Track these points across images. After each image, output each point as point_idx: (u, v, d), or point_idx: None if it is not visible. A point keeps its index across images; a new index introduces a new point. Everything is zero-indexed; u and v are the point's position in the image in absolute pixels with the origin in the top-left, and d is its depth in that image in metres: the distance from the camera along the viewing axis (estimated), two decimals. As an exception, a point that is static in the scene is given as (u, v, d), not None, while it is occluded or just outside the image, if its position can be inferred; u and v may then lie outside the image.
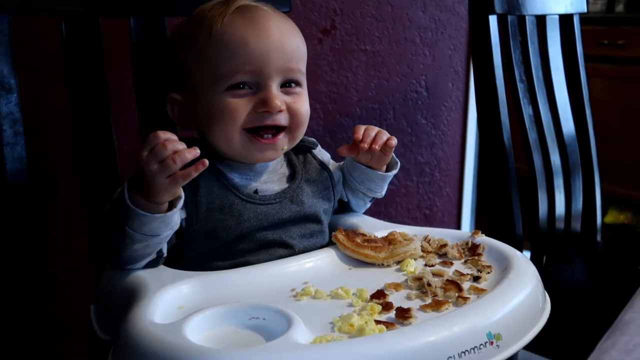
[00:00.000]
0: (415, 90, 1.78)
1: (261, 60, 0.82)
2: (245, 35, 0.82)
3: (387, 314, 0.69)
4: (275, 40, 0.83)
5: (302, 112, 0.86)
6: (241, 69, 0.82)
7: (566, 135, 1.44)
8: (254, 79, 0.83)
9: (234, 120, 0.82)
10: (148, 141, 0.70)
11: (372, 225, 0.93)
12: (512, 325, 0.67)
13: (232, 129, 0.83)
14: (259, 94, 0.83)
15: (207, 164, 0.70)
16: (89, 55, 0.96)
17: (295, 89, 0.86)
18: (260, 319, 0.66)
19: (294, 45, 0.85)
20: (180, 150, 0.70)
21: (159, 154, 0.69)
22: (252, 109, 0.82)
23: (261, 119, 0.83)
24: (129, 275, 0.76)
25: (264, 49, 0.82)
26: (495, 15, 1.25)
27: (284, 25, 0.86)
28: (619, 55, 2.93)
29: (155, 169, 0.69)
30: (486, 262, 0.82)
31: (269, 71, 0.82)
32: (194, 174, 0.70)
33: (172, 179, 0.70)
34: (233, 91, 0.82)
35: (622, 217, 3.03)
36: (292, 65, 0.84)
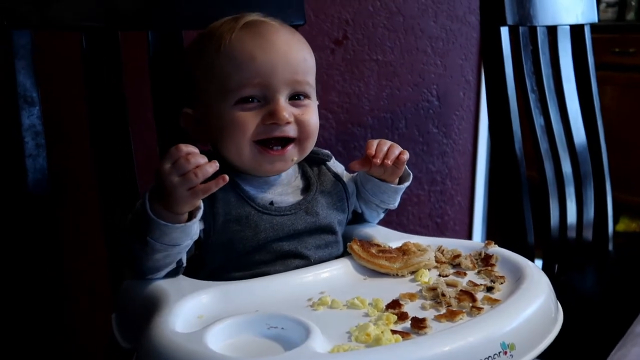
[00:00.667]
0: (426, 100, 1.79)
1: (268, 74, 0.83)
2: (253, 50, 0.83)
3: (402, 324, 0.70)
4: (281, 53, 0.84)
5: (311, 124, 0.87)
6: (249, 82, 0.83)
7: (577, 145, 1.45)
8: (262, 93, 0.84)
9: (243, 132, 0.84)
10: (170, 154, 0.72)
11: (386, 236, 0.94)
12: (525, 335, 0.68)
13: (242, 142, 0.84)
14: (267, 107, 0.84)
15: (227, 179, 0.72)
16: (108, 68, 0.98)
17: (303, 101, 0.87)
18: (278, 328, 0.68)
19: (300, 58, 0.86)
20: (202, 165, 0.71)
21: (181, 167, 0.71)
22: (261, 121, 0.84)
23: (270, 130, 0.84)
24: (150, 285, 0.77)
25: (270, 63, 0.83)
26: (507, 27, 1.27)
27: (291, 39, 0.87)
28: (630, 63, 2.93)
29: (177, 181, 0.71)
30: (499, 272, 0.83)
31: (276, 84, 0.84)
32: (214, 188, 0.72)
33: (193, 192, 0.72)
34: (242, 105, 0.84)
35: (633, 225, 3.02)
36: (299, 77, 0.86)
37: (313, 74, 0.90)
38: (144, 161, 1.24)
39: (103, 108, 0.98)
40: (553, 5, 1.40)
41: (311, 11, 1.54)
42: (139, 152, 1.29)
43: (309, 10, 1.52)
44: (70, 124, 1.25)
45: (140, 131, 1.30)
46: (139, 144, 1.29)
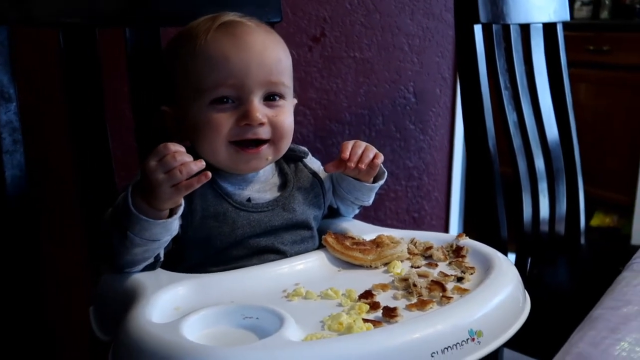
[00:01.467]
0: (403, 97, 1.82)
1: (242, 74, 0.84)
2: (227, 50, 0.84)
3: (374, 313, 0.72)
4: (256, 54, 0.85)
5: (285, 125, 0.88)
6: (223, 82, 0.84)
7: (550, 141, 1.48)
8: (236, 93, 0.85)
9: (217, 133, 0.85)
10: (157, 151, 0.74)
11: (361, 229, 0.96)
12: (492, 323, 0.71)
13: (217, 142, 0.86)
14: (241, 108, 0.85)
15: (209, 176, 0.74)
16: (85, 64, 0.99)
17: (278, 102, 0.88)
18: (253, 318, 0.69)
19: (275, 58, 0.87)
20: (187, 162, 0.73)
21: (167, 164, 0.73)
22: (235, 122, 0.85)
23: (243, 132, 0.86)
24: (127, 278, 0.79)
25: (244, 63, 0.84)
26: (480, 25, 1.29)
27: (266, 39, 0.88)
28: (604, 61, 2.98)
29: (162, 177, 0.73)
30: (469, 263, 0.86)
31: (250, 85, 0.85)
32: (196, 185, 0.74)
33: (176, 188, 0.73)
34: (216, 105, 0.85)
35: (607, 220, 3.08)
36: (274, 78, 0.87)
37: (289, 74, 0.91)
38: (122, 157, 1.25)
39: (81, 105, 0.98)
40: (526, 4, 1.43)
41: (289, 8, 1.55)
42: (117, 148, 1.30)
43: (286, 7, 1.54)
44: (48, 120, 1.26)
45: (118, 128, 1.31)
46: (117, 141, 1.30)
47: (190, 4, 1.06)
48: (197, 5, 1.06)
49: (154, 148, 0.75)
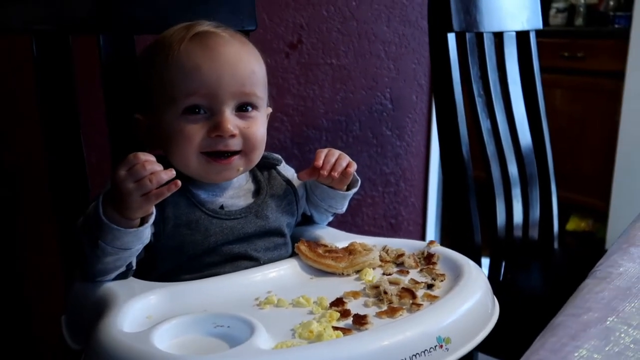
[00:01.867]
0: (380, 103, 1.83)
1: (214, 85, 0.85)
2: (200, 61, 0.85)
3: (345, 321, 0.73)
4: (228, 65, 0.86)
5: (256, 137, 0.89)
6: (195, 92, 0.85)
7: (523, 147, 1.50)
8: (208, 103, 0.85)
9: (189, 144, 0.85)
10: (127, 160, 0.74)
11: (334, 236, 0.97)
12: (460, 330, 0.72)
13: (188, 152, 0.86)
14: (213, 119, 0.86)
15: (179, 185, 0.74)
16: (59, 71, 0.98)
17: (250, 112, 0.89)
18: (224, 327, 0.70)
19: (248, 70, 0.88)
20: (157, 171, 0.74)
21: (137, 174, 0.73)
22: (206, 133, 0.85)
23: (214, 144, 0.86)
24: (99, 287, 0.79)
25: (216, 74, 0.85)
26: (454, 33, 1.31)
27: (240, 50, 0.88)
28: (579, 67, 3.03)
29: (132, 187, 0.73)
30: (440, 270, 0.87)
31: (222, 95, 0.85)
32: (166, 193, 0.74)
33: (146, 197, 0.74)
34: (188, 115, 0.85)
35: (583, 225, 3.12)
36: (246, 89, 0.87)
37: (262, 85, 0.91)
38: (96, 164, 1.25)
39: (55, 111, 0.98)
40: (499, 12, 1.45)
41: (265, 15, 1.56)
42: (91, 155, 1.29)
43: (263, 14, 1.54)
44: (23, 127, 1.25)
45: (92, 134, 1.30)
46: (91, 148, 1.30)
47: (164, 11, 1.06)
48: (171, 12, 1.06)
49: (124, 157, 0.75)
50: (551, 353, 0.48)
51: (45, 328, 1.35)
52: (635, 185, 2.54)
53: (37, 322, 1.35)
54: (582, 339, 0.50)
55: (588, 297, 0.60)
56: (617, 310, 0.56)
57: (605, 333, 0.51)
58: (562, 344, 0.49)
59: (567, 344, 0.49)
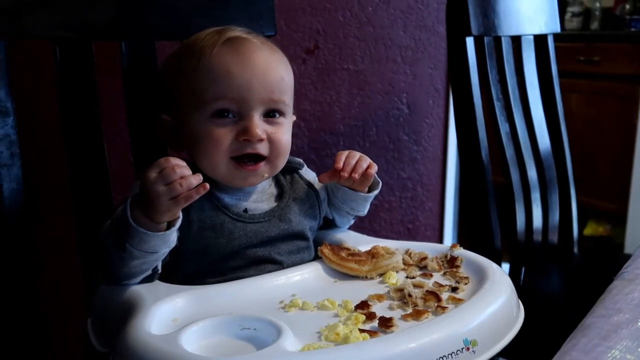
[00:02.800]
0: (397, 108, 1.83)
1: (244, 90, 0.85)
2: (230, 66, 0.86)
3: (370, 324, 0.73)
4: (258, 71, 0.86)
5: (283, 143, 0.89)
6: (225, 96, 0.85)
7: (542, 151, 1.50)
8: (237, 108, 0.86)
9: (217, 148, 0.86)
10: (158, 164, 0.75)
11: (356, 240, 0.97)
12: (487, 332, 0.72)
13: (216, 157, 0.87)
14: (241, 123, 0.86)
15: (207, 187, 0.75)
16: (81, 77, 1.00)
17: (278, 119, 0.89)
18: (251, 329, 0.70)
19: (277, 77, 0.88)
20: (187, 176, 0.74)
21: (167, 177, 0.74)
22: (235, 137, 0.86)
23: (242, 147, 0.87)
24: (125, 290, 0.79)
25: (246, 80, 0.85)
26: (472, 37, 1.31)
27: (270, 57, 0.89)
28: (595, 72, 3.01)
29: (162, 190, 0.74)
30: (464, 273, 0.86)
31: (251, 101, 0.86)
32: (195, 196, 0.75)
33: (175, 200, 0.74)
34: (217, 119, 0.86)
35: (600, 229, 3.10)
36: (275, 96, 0.88)
37: (290, 92, 0.92)
38: (118, 170, 1.26)
39: (77, 117, 0.99)
40: (517, 17, 1.45)
41: (283, 21, 1.57)
42: (113, 161, 1.30)
43: (280, 20, 1.55)
44: (45, 133, 1.26)
45: (114, 140, 1.32)
46: (113, 153, 1.31)
47: (185, 17, 1.07)
48: (191, 19, 1.07)
49: (155, 161, 0.76)
50: (583, 354, 0.48)
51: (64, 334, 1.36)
52: (654, 190, 2.52)
53: (57, 328, 1.36)
54: (614, 339, 0.50)
55: (618, 299, 0.60)
56: (647, 312, 0.56)
57: (637, 334, 0.51)
58: (594, 345, 0.49)
59: (598, 344, 0.49)
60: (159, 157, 0.99)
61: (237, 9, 1.12)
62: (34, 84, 1.25)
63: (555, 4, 1.57)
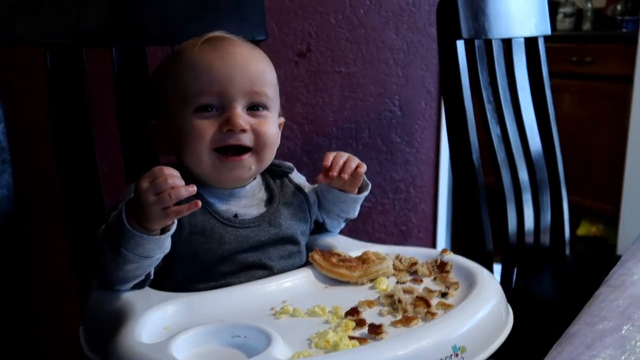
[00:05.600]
0: (389, 110, 1.84)
1: (225, 83, 0.87)
2: (211, 60, 0.87)
3: (360, 330, 0.73)
4: (239, 64, 0.88)
5: (268, 134, 0.90)
6: (207, 90, 0.87)
7: (533, 153, 1.50)
8: (219, 101, 0.87)
9: (201, 140, 0.87)
10: (151, 173, 0.76)
11: (347, 245, 0.97)
12: (475, 338, 0.72)
13: (200, 149, 0.87)
14: (224, 115, 0.87)
15: (199, 205, 0.76)
16: (72, 83, 1.00)
17: (261, 112, 0.90)
18: (241, 337, 0.70)
19: (259, 69, 0.90)
20: (178, 187, 0.75)
21: (158, 187, 0.74)
22: (218, 128, 0.87)
23: (226, 138, 0.87)
24: (117, 297, 0.79)
25: (227, 72, 0.87)
26: (463, 40, 1.31)
27: (250, 52, 0.91)
28: (587, 72, 3.03)
29: (152, 200, 0.74)
30: (454, 278, 0.87)
31: (232, 93, 0.87)
32: (185, 212, 0.75)
33: (165, 212, 0.75)
34: (200, 113, 0.87)
35: (593, 230, 3.11)
36: (257, 88, 0.89)
37: (272, 87, 0.92)
38: (109, 174, 1.26)
39: (68, 123, 0.99)
40: (507, 19, 1.46)
41: (274, 24, 1.57)
42: (104, 165, 1.30)
43: (272, 23, 1.55)
44: (36, 140, 1.26)
45: (105, 145, 1.31)
46: (104, 158, 1.31)
47: (175, 23, 1.08)
48: (182, 24, 1.07)
49: (147, 167, 0.76)
50: (569, 362, 0.48)
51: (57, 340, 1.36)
52: (646, 189, 2.53)
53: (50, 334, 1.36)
54: (598, 347, 0.50)
55: (603, 306, 0.60)
56: (632, 319, 0.56)
57: (621, 342, 0.52)
58: (579, 353, 0.49)
59: (583, 353, 0.50)
60: (149, 162, 1.00)
61: (227, 13, 1.12)
62: (26, 89, 1.25)
63: (546, 7, 1.58)
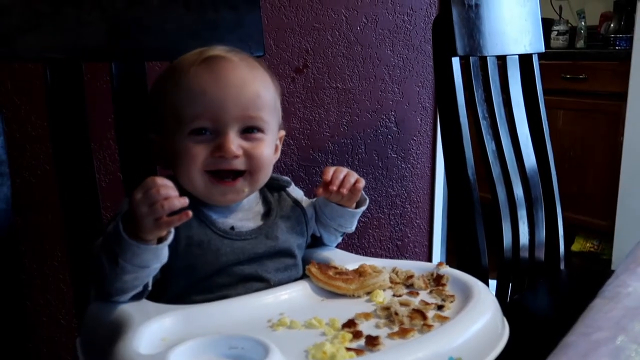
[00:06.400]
0: (385, 126, 1.85)
1: (218, 109, 0.87)
2: (205, 85, 0.87)
3: (357, 342, 0.74)
4: (233, 90, 0.88)
5: (262, 157, 0.90)
6: (200, 115, 0.87)
7: (528, 169, 1.52)
8: (213, 126, 0.88)
9: (193, 163, 0.87)
10: (145, 184, 0.76)
11: (344, 259, 0.98)
12: (472, 350, 0.73)
13: (193, 171, 0.88)
14: (217, 140, 0.88)
15: (190, 215, 0.76)
16: (71, 97, 1.00)
17: (256, 134, 0.90)
18: (239, 348, 0.71)
19: (253, 94, 0.89)
20: (171, 197, 0.75)
21: (150, 198, 0.75)
22: (210, 153, 0.87)
23: (218, 163, 0.88)
24: (114, 309, 0.80)
25: (221, 98, 0.87)
26: (458, 57, 1.33)
27: (246, 75, 0.90)
28: (581, 89, 3.05)
29: (145, 211, 0.74)
30: (449, 291, 0.88)
31: (226, 118, 0.87)
32: (177, 223, 0.76)
33: (158, 223, 0.75)
34: (194, 136, 0.88)
35: (588, 245, 3.12)
36: (251, 113, 0.89)
37: (269, 108, 0.92)
38: (107, 188, 1.26)
39: (67, 136, 1.00)
40: (502, 37, 1.47)
41: (272, 41, 1.59)
42: (102, 179, 1.31)
43: (270, 40, 1.57)
44: (35, 153, 1.27)
45: (103, 158, 1.32)
46: (102, 171, 1.32)
47: (174, 39, 1.09)
48: (181, 40, 1.08)
49: (143, 179, 0.77)
50: (563, 372, 0.49)
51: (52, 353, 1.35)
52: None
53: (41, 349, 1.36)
54: (593, 357, 0.51)
55: (598, 317, 0.61)
56: (627, 330, 0.57)
57: (616, 352, 0.52)
58: (574, 363, 0.50)
59: (578, 362, 0.50)
60: (147, 175, 1.00)
61: (226, 30, 1.13)
62: (26, 103, 1.25)
63: (540, 25, 1.60)
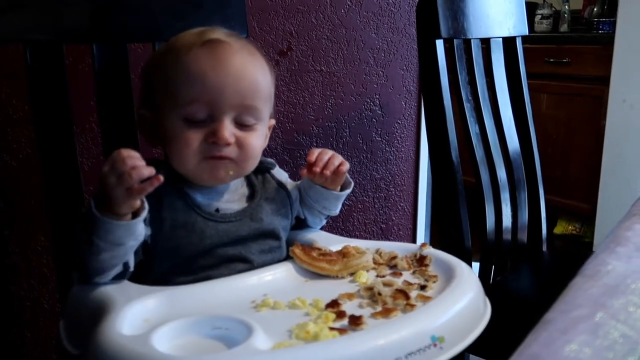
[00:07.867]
0: (369, 109, 1.85)
1: (216, 94, 0.86)
2: (205, 69, 0.86)
3: (340, 322, 0.74)
4: (232, 76, 0.87)
5: (252, 147, 0.90)
6: (197, 99, 0.86)
7: (511, 152, 1.52)
8: (209, 111, 0.87)
9: (187, 149, 0.87)
10: (111, 157, 0.76)
11: (327, 240, 0.98)
12: (454, 329, 0.73)
13: (186, 155, 0.88)
14: (212, 125, 0.87)
15: (161, 179, 0.76)
16: (52, 79, 0.99)
17: (250, 124, 0.90)
18: (222, 329, 0.71)
19: (252, 83, 0.89)
20: (138, 167, 0.75)
21: (118, 169, 0.75)
22: (204, 139, 0.87)
23: (210, 150, 0.87)
24: (97, 290, 0.80)
25: (219, 84, 0.86)
26: (442, 40, 1.33)
27: (246, 62, 0.89)
28: (565, 73, 3.07)
29: (113, 182, 0.75)
30: (432, 272, 0.88)
31: (222, 105, 0.87)
32: (148, 188, 0.76)
33: (129, 192, 0.75)
34: (189, 120, 0.87)
35: (570, 228, 3.15)
36: (248, 102, 0.88)
37: (266, 98, 0.92)
38: (90, 171, 1.26)
39: (48, 120, 0.99)
40: (486, 20, 1.48)
41: (255, 23, 1.58)
42: (85, 162, 1.30)
43: (253, 22, 1.56)
44: (16, 137, 1.26)
45: (86, 142, 1.31)
46: (85, 155, 1.31)
47: (157, 20, 1.08)
48: (164, 21, 1.08)
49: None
50: (543, 347, 0.49)
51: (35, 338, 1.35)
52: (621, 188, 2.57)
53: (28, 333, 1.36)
54: (573, 333, 0.52)
55: (578, 294, 0.62)
56: (606, 306, 0.58)
57: (594, 328, 0.53)
58: (553, 339, 0.50)
59: (558, 338, 0.51)
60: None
61: (209, 11, 1.13)
62: (5, 87, 1.24)
63: (524, 8, 1.60)
